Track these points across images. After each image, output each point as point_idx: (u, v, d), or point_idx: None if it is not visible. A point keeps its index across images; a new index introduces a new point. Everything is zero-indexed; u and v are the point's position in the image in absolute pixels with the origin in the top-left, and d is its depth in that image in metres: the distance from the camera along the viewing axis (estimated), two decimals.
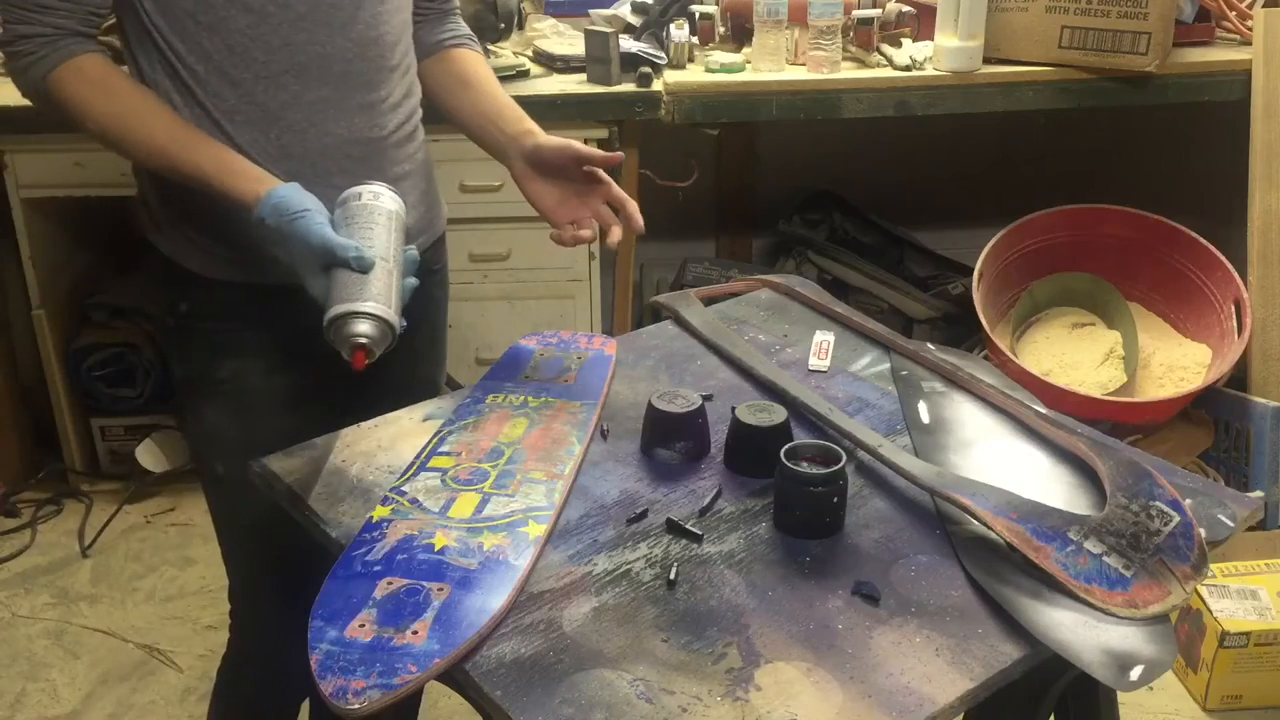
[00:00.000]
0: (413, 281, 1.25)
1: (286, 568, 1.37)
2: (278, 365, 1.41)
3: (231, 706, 1.59)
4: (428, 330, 1.58)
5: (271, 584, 1.46)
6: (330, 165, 1.34)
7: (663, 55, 2.54)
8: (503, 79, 2.45)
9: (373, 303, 1.16)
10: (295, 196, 1.20)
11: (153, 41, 1.27)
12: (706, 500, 1.19)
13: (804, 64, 2.54)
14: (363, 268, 1.17)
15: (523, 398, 1.36)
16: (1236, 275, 2.55)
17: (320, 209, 1.21)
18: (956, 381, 1.42)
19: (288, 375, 1.41)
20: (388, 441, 1.30)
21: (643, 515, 1.18)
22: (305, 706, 1.65)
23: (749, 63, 2.54)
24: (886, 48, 2.58)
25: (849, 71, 2.53)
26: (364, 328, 1.16)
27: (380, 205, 1.25)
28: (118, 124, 1.25)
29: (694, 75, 2.52)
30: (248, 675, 1.55)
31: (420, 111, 1.47)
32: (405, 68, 1.43)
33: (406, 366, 1.54)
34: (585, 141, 2.45)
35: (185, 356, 1.43)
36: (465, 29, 1.57)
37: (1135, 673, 0.98)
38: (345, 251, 1.17)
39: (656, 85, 2.46)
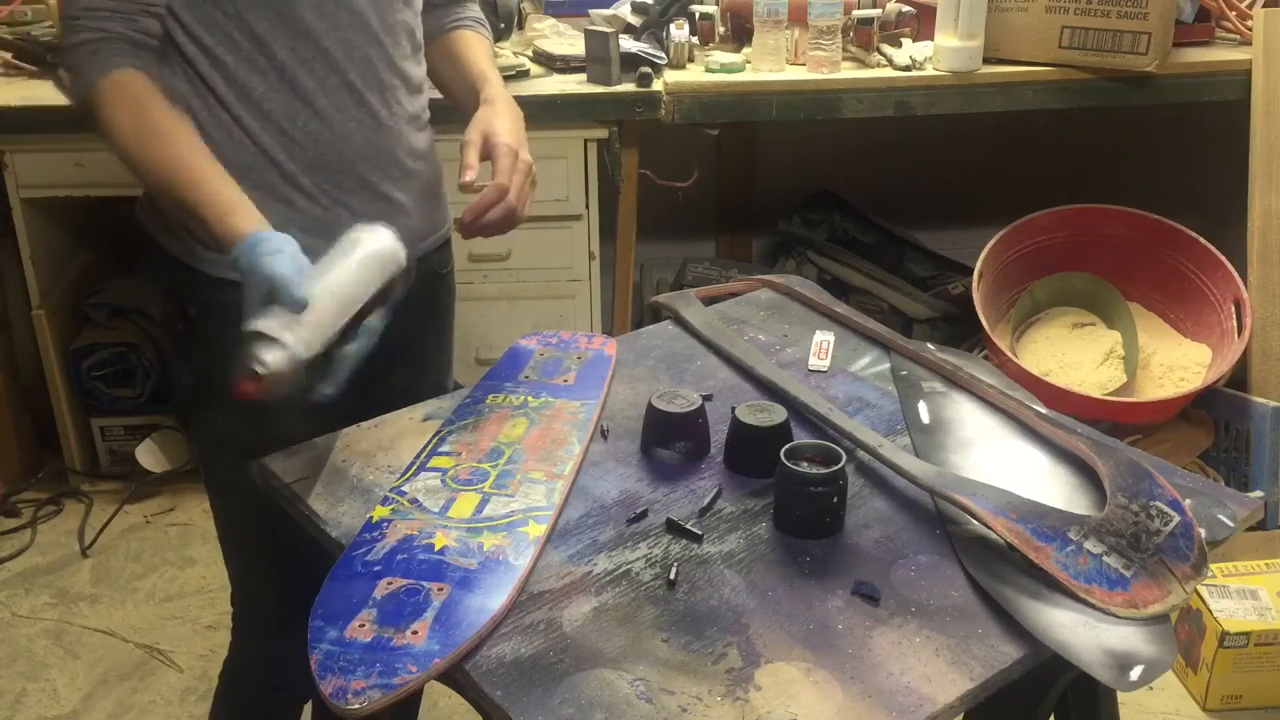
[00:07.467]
0: (359, 346, 1.16)
1: (289, 571, 1.37)
2: None
3: (233, 709, 1.59)
4: (436, 335, 1.59)
5: (273, 587, 1.46)
6: (353, 151, 1.35)
7: (663, 55, 2.54)
8: (503, 79, 2.46)
9: (291, 335, 1.07)
10: (278, 238, 1.14)
11: (171, 41, 1.27)
12: (706, 500, 1.19)
13: (804, 64, 2.54)
14: (294, 305, 1.08)
15: (523, 398, 1.36)
16: (1236, 275, 2.55)
17: (297, 254, 1.13)
18: (956, 381, 1.42)
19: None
20: (388, 441, 1.30)
21: (643, 515, 1.18)
22: (306, 708, 1.65)
23: (749, 63, 2.54)
24: (886, 48, 2.58)
25: (849, 71, 2.53)
26: (270, 357, 1.07)
27: (364, 242, 1.17)
28: (138, 141, 1.21)
29: (694, 75, 2.52)
30: (249, 678, 1.55)
31: (428, 113, 1.48)
32: (420, 60, 1.45)
33: (416, 371, 1.54)
34: (585, 142, 2.48)
35: (194, 361, 1.43)
36: (474, 12, 1.58)
37: (1135, 673, 0.98)
38: (287, 286, 1.08)
39: (656, 85, 2.46)
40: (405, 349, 1.51)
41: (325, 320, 1.12)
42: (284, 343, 1.07)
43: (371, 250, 1.18)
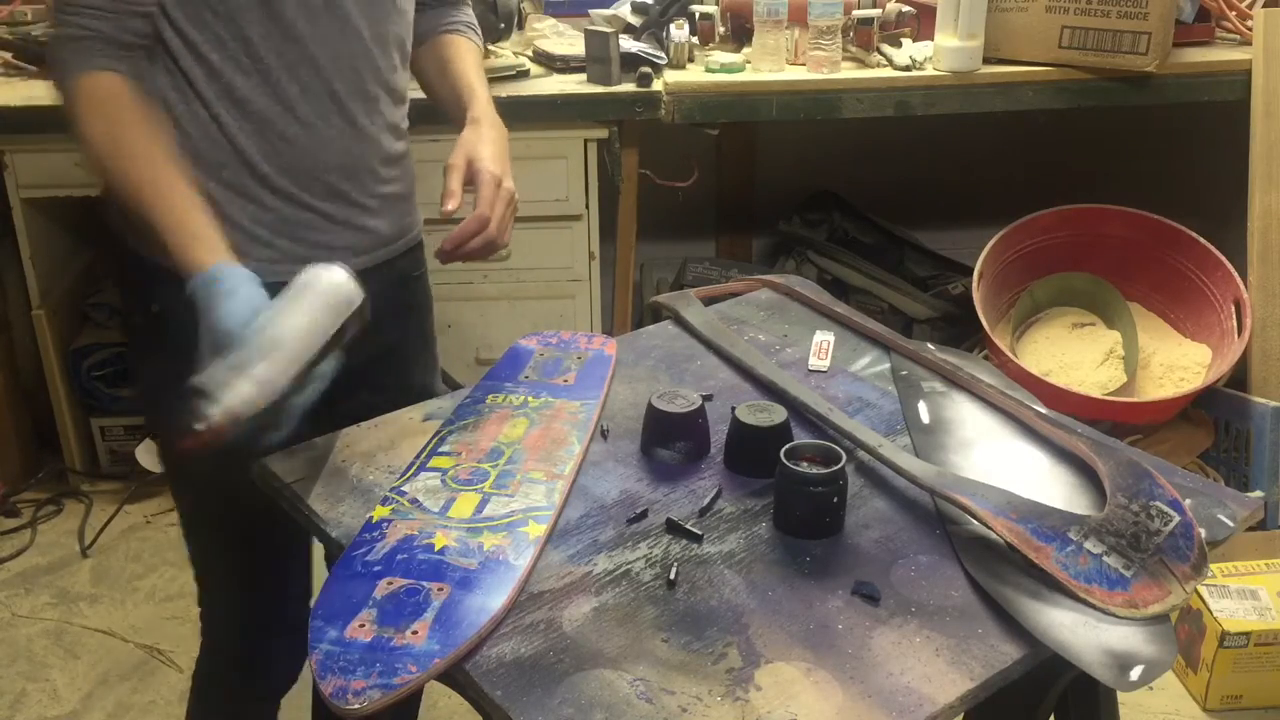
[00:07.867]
0: (307, 395, 1.13)
1: (254, 564, 1.37)
2: None
3: (211, 707, 1.58)
4: (416, 338, 1.58)
5: (242, 585, 1.46)
6: (329, 158, 1.34)
7: (663, 55, 2.54)
8: (503, 79, 2.47)
9: (233, 393, 1.05)
10: (236, 274, 1.14)
11: (157, 34, 1.26)
12: (706, 500, 1.19)
13: (804, 64, 2.54)
14: (239, 361, 1.07)
15: (523, 398, 1.36)
16: (1236, 275, 2.55)
17: (253, 294, 1.12)
18: (956, 381, 1.42)
19: None
20: (388, 441, 1.30)
21: (643, 515, 1.18)
22: (305, 709, 1.65)
23: (749, 63, 2.54)
24: (886, 48, 2.58)
25: (849, 71, 2.53)
26: (212, 412, 1.04)
27: (318, 285, 1.14)
28: (109, 149, 1.20)
29: (694, 75, 2.52)
30: (224, 678, 1.55)
31: (407, 121, 1.48)
32: (407, 69, 1.45)
33: (401, 375, 1.54)
34: (585, 142, 2.48)
35: (156, 358, 1.39)
36: (466, 16, 1.57)
37: (1135, 673, 0.98)
38: (233, 341, 1.08)
39: (656, 85, 2.46)
40: (387, 354, 1.51)
41: (273, 374, 1.08)
42: (225, 401, 1.05)
43: (326, 294, 1.14)
